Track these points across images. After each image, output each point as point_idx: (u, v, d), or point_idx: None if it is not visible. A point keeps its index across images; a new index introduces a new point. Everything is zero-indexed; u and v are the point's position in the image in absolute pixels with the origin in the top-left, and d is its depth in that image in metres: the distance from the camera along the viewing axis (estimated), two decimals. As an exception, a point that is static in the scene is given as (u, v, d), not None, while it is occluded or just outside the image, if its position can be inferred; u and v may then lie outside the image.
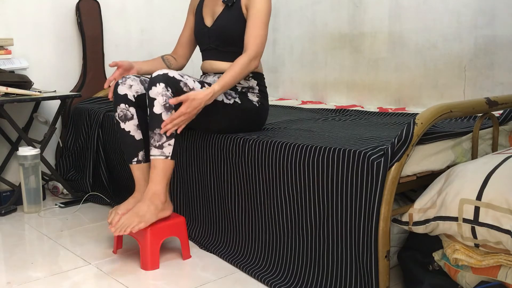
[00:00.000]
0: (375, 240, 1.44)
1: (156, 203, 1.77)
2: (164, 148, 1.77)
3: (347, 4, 2.99)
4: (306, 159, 1.63)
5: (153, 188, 1.77)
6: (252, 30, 1.90)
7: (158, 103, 1.75)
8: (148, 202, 1.76)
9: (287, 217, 1.71)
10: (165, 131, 1.76)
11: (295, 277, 1.66)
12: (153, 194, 1.77)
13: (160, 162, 1.77)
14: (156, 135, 1.77)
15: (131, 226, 1.72)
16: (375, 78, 2.91)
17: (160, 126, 1.76)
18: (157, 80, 1.76)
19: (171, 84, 1.77)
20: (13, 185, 2.57)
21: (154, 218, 1.76)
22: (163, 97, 1.75)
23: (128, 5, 3.12)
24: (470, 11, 2.46)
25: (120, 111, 1.91)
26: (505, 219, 1.26)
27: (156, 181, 1.77)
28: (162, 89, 1.75)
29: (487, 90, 2.44)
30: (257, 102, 2.01)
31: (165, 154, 1.78)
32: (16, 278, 1.75)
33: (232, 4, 1.97)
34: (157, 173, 1.77)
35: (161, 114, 1.75)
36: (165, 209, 1.80)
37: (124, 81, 1.92)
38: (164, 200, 1.79)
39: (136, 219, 1.73)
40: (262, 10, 1.91)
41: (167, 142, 1.77)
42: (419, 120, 1.46)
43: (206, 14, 2.07)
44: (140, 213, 1.74)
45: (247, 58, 1.87)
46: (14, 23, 2.71)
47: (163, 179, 1.78)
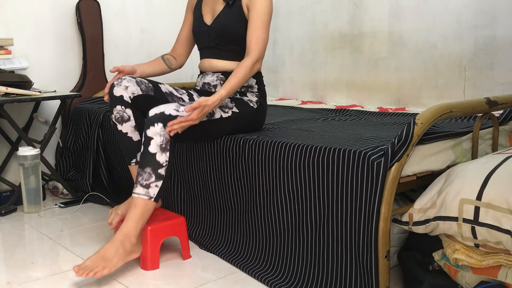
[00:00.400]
0: (375, 240, 1.44)
1: (126, 246, 1.69)
2: (151, 188, 1.73)
3: (347, 4, 2.99)
4: (306, 159, 1.63)
5: (127, 228, 1.70)
6: (254, 32, 1.90)
7: (154, 142, 1.73)
8: (117, 244, 1.68)
9: (287, 217, 1.71)
10: (170, 130, 1.73)
11: (295, 277, 1.66)
12: (125, 236, 1.69)
13: (141, 202, 1.72)
14: (146, 173, 1.73)
15: (94, 270, 1.62)
16: (375, 78, 2.91)
17: (151, 166, 1.72)
18: (155, 120, 1.74)
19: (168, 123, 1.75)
20: (13, 185, 2.57)
21: (121, 262, 1.68)
22: (161, 137, 1.73)
23: (128, 5, 3.12)
24: (470, 11, 2.46)
25: (116, 113, 1.90)
26: (505, 219, 1.26)
27: (131, 221, 1.71)
28: (160, 129, 1.73)
29: (487, 90, 2.44)
30: (256, 102, 2.01)
31: (150, 194, 1.73)
32: (16, 278, 1.75)
33: (233, 2, 1.96)
34: (136, 213, 1.71)
35: (156, 154, 1.73)
36: (134, 251, 1.72)
37: (120, 83, 1.89)
38: (135, 242, 1.72)
39: (101, 263, 1.64)
40: (263, 12, 1.91)
41: (154, 183, 1.73)
42: (419, 120, 1.46)
43: (206, 12, 2.06)
44: (106, 256, 1.66)
45: (250, 62, 1.87)
46: (14, 23, 2.71)
47: (140, 220, 1.72)
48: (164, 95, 1.99)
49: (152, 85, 1.96)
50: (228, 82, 1.83)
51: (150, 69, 2.10)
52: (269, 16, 1.93)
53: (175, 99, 2.02)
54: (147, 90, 1.93)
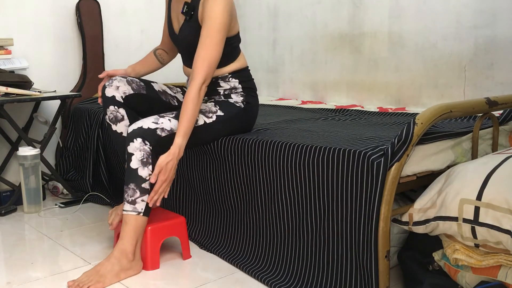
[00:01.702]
0: (375, 240, 1.44)
1: (122, 263, 1.69)
2: (137, 204, 1.72)
3: (347, 4, 2.99)
4: (306, 159, 1.63)
5: (122, 245, 1.70)
6: (200, 52, 1.80)
7: (135, 158, 1.73)
8: (113, 260, 1.68)
9: (287, 217, 1.71)
10: (153, 203, 1.73)
11: (295, 277, 1.66)
12: (121, 252, 1.70)
13: (131, 219, 1.72)
14: (130, 190, 1.73)
15: (87, 285, 1.62)
16: (375, 78, 2.91)
17: (134, 181, 1.72)
18: (134, 136, 1.73)
19: (147, 136, 1.73)
20: (13, 185, 2.57)
21: (115, 279, 1.67)
22: (141, 152, 1.73)
23: (128, 5, 3.12)
24: (470, 11, 2.46)
25: (110, 113, 1.89)
26: (505, 219, 1.26)
27: (126, 239, 1.71)
28: (139, 144, 1.73)
29: (487, 90, 2.43)
30: (242, 102, 1.97)
31: (137, 210, 1.72)
32: (16, 278, 1.75)
33: (191, 17, 1.89)
34: (128, 230, 1.71)
35: (138, 169, 1.72)
36: (131, 268, 1.72)
37: (111, 83, 1.89)
38: (132, 259, 1.71)
39: (95, 278, 1.64)
40: (213, 28, 1.79)
41: (140, 197, 1.73)
42: (419, 120, 1.46)
43: (174, 19, 2.00)
44: (101, 272, 1.66)
45: (194, 89, 1.76)
46: (14, 23, 2.71)
47: (134, 236, 1.71)
48: (157, 93, 1.98)
49: (144, 84, 1.95)
50: (180, 126, 1.74)
51: (145, 69, 2.09)
52: (221, 31, 1.80)
53: (168, 97, 2.02)
54: (138, 89, 1.93)
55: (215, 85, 1.97)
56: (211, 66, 1.81)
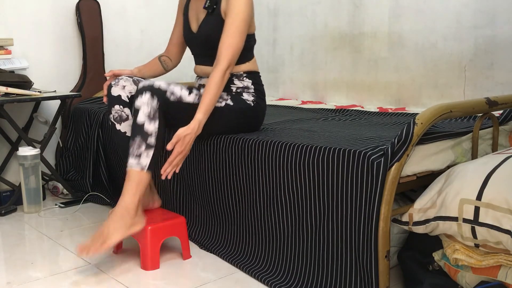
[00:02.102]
0: (375, 240, 1.44)
1: (125, 220, 1.69)
2: (142, 158, 1.73)
3: (347, 4, 2.99)
4: (306, 159, 1.63)
5: (124, 202, 1.71)
6: (225, 39, 1.85)
7: (142, 112, 1.74)
8: (116, 218, 1.69)
9: (287, 217, 1.71)
10: (166, 175, 1.74)
11: (295, 277, 1.66)
12: (123, 209, 1.70)
13: (135, 173, 1.72)
14: (136, 143, 1.74)
15: (93, 247, 1.64)
16: (375, 78, 2.91)
17: (140, 135, 1.73)
18: (143, 90, 1.75)
19: (157, 94, 1.76)
20: (13, 185, 2.57)
21: (120, 236, 1.67)
22: (148, 106, 1.74)
23: (128, 5, 3.12)
24: (470, 11, 2.46)
25: (114, 112, 1.91)
26: (505, 219, 1.26)
27: (128, 194, 1.71)
28: (147, 99, 1.74)
29: (487, 90, 2.44)
30: (252, 101, 1.99)
31: (141, 164, 1.73)
32: (16, 278, 1.75)
33: (213, 10, 1.94)
34: (130, 185, 1.71)
35: (144, 123, 1.74)
36: (135, 224, 1.72)
37: (117, 83, 1.91)
38: (135, 215, 1.72)
39: (100, 239, 1.65)
40: (238, 18, 1.85)
41: (145, 152, 1.73)
42: (419, 120, 1.46)
43: (192, 18, 2.04)
44: (105, 232, 1.67)
45: (219, 73, 1.82)
46: (14, 23, 2.71)
47: (136, 192, 1.71)
48: None
49: None
50: (202, 103, 1.79)
51: (149, 72, 2.12)
52: (245, 22, 1.87)
53: None
54: None
55: (229, 82, 1.99)
56: (235, 53, 1.86)
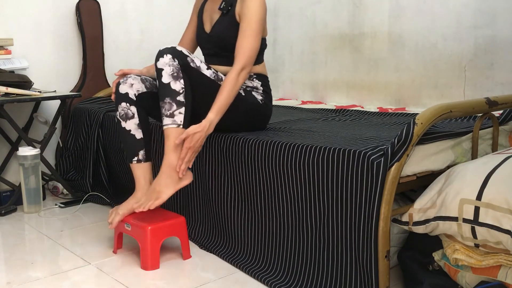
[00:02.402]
0: (375, 240, 1.44)
1: (172, 175, 1.77)
2: (175, 116, 1.77)
3: (347, 4, 2.99)
4: (306, 159, 1.63)
5: (168, 160, 1.77)
6: (241, 41, 1.89)
7: (165, 73, 1.78)
8: (164, 176, 1.77)
9: (287, 217, 1.71)
10: (182, 172, 1.77)
11: (295, 277, 1.66)
12: (168, 167, 1.77)
13: (172, 131, 1.77)
14: (166, 104, 1.77)
15: (149, 204, 1.76)
16: (375, 78, 2.91)
17: (169, 95, 1.77)
18: (164, 52, 1.79)
19: (177, 56, 1.79)
20: (13, 185, 2.57)
21: (172, 190, 1.77)
22: (170, 67, 1.77)
23: (128, 5, 3.12)
24: (470, 11, 2.46)
25: (121, 109, 1.93)
26: (505, 219, 1.26)
27: (170, 152, 1.77)
28: (169, 59, 1.78)
29: (487, 90, 2.44)
30: (260, 100, 2.02)
31: (177, 122, 1.78)
32: (16, 278, 1.75)
33: (227, 11, 1.98)
34: (170, 144, 1.77)
35: (170, 83, 1.77)
36: (183, 179, 1.80)
37: (125, 80, 1.94)
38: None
39: (153, 195, 1.77)
40: (253, 20, 1.89)
41: (177, 110, 1.78)
42: (419, 120, 1.46)
43: (206, 19, 2.08)
44: (157, 188, 1.77)
45: (235, 73, 1.85)
46: (14, 23, 2.71)
47: (177, 148, 1.77)
48: None
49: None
50: (215, 103, 1.82)
51: None
52: (259, 22, 1.90)
53: None
54: (151, 87, 1.98)
55: None
56: (251, 54, 1.89)
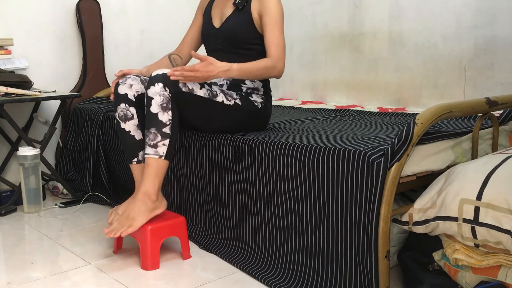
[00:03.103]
0: (375, 240, 1.44)
1: (147, 204, 1.77)
2: (158, 147, 1.78)
3: (347, 4, 2.99)
4: (306, 159, 1.63)
5: (144, 188, 1.78)
6: (272, 38, 1.93)
7: (155, 102, 1.77)
8: (138, 203, 1.77)
9: (287, 217, 1.71)
10: (171, 75, 1.76)
11: (295, 277, 1.66)
12: (143, 194, 1.77)
13: (153, 162, 1.78)
14: (152, 134, 1.78)
15: (121, 230, 1.74)
16: (375, 78, 2.91)
17: (155, 126, 1.77)
18: (156, 80, 1.78)
19: (169, 84, 1.78)
20: (13, 185, 2.57)
21: (144, 219, 1.76)
22: (161, 97, 1.77)
23: (128, 5, 3.12)
24: (470, 11, 2.46)
25: (120, 110, 1.92)
26: (505, 219, 1.26)
27: (147, 180, 1.78)
28: (160, 89, 1.77)
29: (487, 90, 2.44)
30: (260, 103, 2.02)
31: (159, 153, 1.78)
32: (16, 278, 1.75)
33: (243, 7, 1.99)
34: (149, 172, 1.78)
35: (158, 113, 1.77)
36: (157, 207, 1.80)
37: (125, 81, 1.93)
38: (155, 199, 1.79)
39: (126, 222, 1.75)
40: (277, 18, 1.94)
41: (161, 141, 1.78)
42: (419, 120, 1.46)
43: (215, 15, 2.08)
44: (131, 215, 1.76)
45: (272, 63, 1.91)
46: (14, 23, 2.71)
47: (155, 178, 1.78)
48: None
49: None
50: (243, 63, 1.86)
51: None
52: (282, 20, 1.97)
53: None
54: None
55: (240, 81, 2.01)
56: (284, 49, 1.95)
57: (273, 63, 1.91)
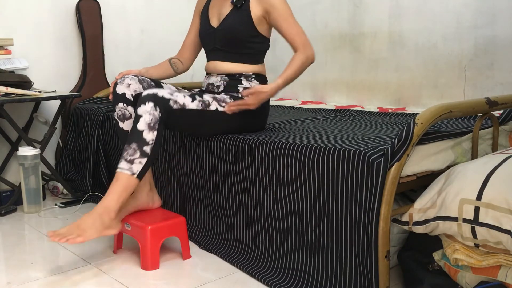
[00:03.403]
0: (375, 240, 1.44)
1: (104, 219, 1.68)
2: (134, 164, 1.73)
3: (347, 4, 2.99)
4: (306, 159, 1.63)
5: (107, 202, 1.70)
6: (290, 30, 1.95)
7: (143, 120, 1.75)
8: (95, 216, 1.68)
9: (287, 217, 1.71)
10: (228, 109, 1.88)
11: (295, 277, 1.66)
12: (104, 209, 1.69)
13: (124, 178, 1.71)
14: (131, 149, 1.73)
15: (67, 237, 1.63)
16: (375, 78, 2.91)
17: (137, 142, 1.73)
18: (147, 99, 1.76)
19: (160, 104, 1.77)
20: (13, 185, 2.57)
21: (95, 234, 1.66)
22: (150, 116, 1.75)
23: (128, 5, 3.12)
24: (470, 11, 2.46)
25: (118, 110, 1.92)
26: (505, 219, 1.26)
27: (112, 195, 1.70)
28: (150, 108, 1.75)
29: (487, 90, 2.44)
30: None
31: (133, 170, 1.72)
32: (16, 278, 1.75)
33: (241, 5, 1.97)
34: (117, 187, 1.70)
35: (143, 131, 1.74)
36: (111, 227, 1.71)
37: (123, 81, 1.93)
38: (114, 217, 1.71)
39: (76, 231, 1.64)
40: (285, 9, 1.95)
41: (139, 159, 1.73)
42: (419, 120, 1.46)
43: (213, 15, 2.07)
44: (82, 226, 1.66)
45: (303, 55, 1.93)
46: (14, 23, 2.71)
47: (121, 195, 1.71)
48: None
49: (155, 84, 1.99)
50: (284, 73, 1.91)
51: (158, 74, 2.12)
52: (291, 10, 1.98)
53: None
54: (149, 88, 1.96)
55: (237, 81, 2.01)
56: (305, 36, 1.97)
57: (304, 54, 1.93)
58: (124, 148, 1.75)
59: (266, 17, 1.97)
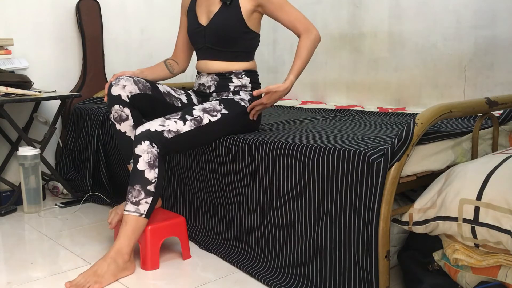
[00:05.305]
0: (375, 240, 1.44)
1: (118, 262, 1.69)
2: (140, 205, 1.73)
3: (347, 4, 2.99)
4: (306, 159, 1.63)
5: (119, 245, 1.71)
6: (290, 18, 1.96)
7: (142, 160, 1.74)
8: (109, 260, 1.68)
9: (287, 217, 1.71)
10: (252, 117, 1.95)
11: (295, 277, 1.66)
12: (117, 252, 1.70)
13: (132, 219, 1.72)
14: (135, 190, 1.73)
15: (85, 286, 1.62)
16: (375, 78, 2.91)
17: (140, 183, 1.73)
18: (142, 138, 1.75)
19: (155, 139, 1.76)
20: (13, 185, 2.57)
21: (112, 279, 1.68)
22: (148, 154, 1.74)
23: (128, 5, 3.12)
24: (470, 11, 2.46)
25: (114, 112, 1.90)
26: (505, 219, 1.26)
27: (123, 238, 1.71)
28: (147, 146, 1.74)
29: (487, 90, 2.44)
30: (248, 101, 2.00)
31: (140, 211, 1.73)
32: (16, 278, 1.75)
33: (231, 2, 1.95)
34: (127, 230, 1.72)
35: (144, 171, 1.74)
36: (127, 268, 1.73)
37: (118, 82, 1.89)
38: (128, 259, 1.72)
39: (92, 278, 1.64)
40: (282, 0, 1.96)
41: (144, 199, 1.73)
42: (419, 120, 1.46)
43: (201, 13, 2.04)
44: (98, 272, 1.66)
45: (307, 39, 1.93)
46: (14, 23, 2.71)
47: (132, 237, 1.72)
48: (162, 94, 1.99)
49: (150, 85, 1.97)
50: (294, 66, 1.91)
51: (153, 75, 2.10)
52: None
53: (172, 99, 2.02)
54: (144, 89, 1.93)
55: (227, 80, 2.01)
56: (306, 18, 1.98)
57: (308, 39, 1.93)
58: (128, 189, 1.75)
59: (259, 9, 1.97)
